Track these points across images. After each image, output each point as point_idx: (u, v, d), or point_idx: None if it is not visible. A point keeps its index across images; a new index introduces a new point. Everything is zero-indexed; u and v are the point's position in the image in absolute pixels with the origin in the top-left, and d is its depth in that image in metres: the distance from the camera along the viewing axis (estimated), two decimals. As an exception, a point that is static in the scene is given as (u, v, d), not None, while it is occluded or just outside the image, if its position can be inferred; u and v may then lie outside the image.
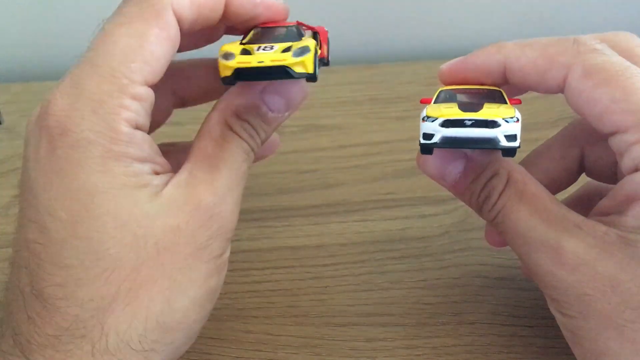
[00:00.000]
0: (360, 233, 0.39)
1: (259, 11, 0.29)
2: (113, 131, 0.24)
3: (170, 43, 0.26)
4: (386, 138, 0.48)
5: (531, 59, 0.27)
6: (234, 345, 0.33)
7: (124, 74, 0.24)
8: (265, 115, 0.29)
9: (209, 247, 0.26)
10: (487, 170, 0.28)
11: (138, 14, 0.25)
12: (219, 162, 0.27)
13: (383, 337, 0.33)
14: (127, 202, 0.24)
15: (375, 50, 0.63)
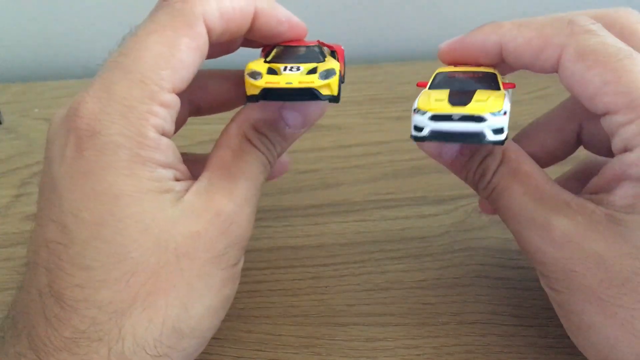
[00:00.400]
0: (360, 233, 0.39)
1: (283, 29, 0.29)
2: (141, 136, 0.24)
3: (199, 53, 0.26)
4: (386, 138, 0.48)
5: (527, 39, 0.27)
6: (234, 345, 0.33)
7: (154, 81, 0.25)
8: (283, 130, 0.29)
9: (226, 255, 0.26)
10: (482, 149, 0.28)
11: (170, 22, 0.26)
12: (238, 171, 0.27)
13: (383, 337, 0.33)
14: (151, 206, 0.24)
15: (375, 50, 0.63)
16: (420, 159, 0.45)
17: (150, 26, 0.26)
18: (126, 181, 0.24)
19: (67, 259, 0.24)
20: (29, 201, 0.43)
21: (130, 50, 0.25)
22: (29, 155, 0.47)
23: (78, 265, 0.24)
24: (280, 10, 0.29)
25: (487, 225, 0.39)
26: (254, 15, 0.28)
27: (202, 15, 0.26)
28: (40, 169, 0.45)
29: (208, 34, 0.26)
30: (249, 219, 0.27)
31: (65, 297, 0.24)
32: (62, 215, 0.24)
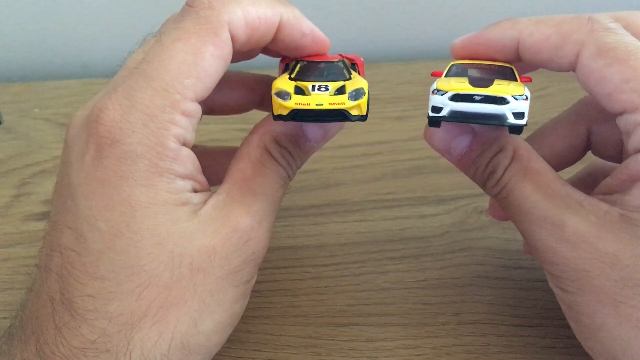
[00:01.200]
0: (360, 233, 0.39)
1: (306, 43, 0.29)
2: (161, 146, 0.24)
3: (223, 62, 0.26)
4: (386, 138, 0.48)
5: (545, 35, 0.27)
6: (234, 345, 0.33)
7: (177, 90, 0.24)
8: (304, 144, 0.29)
9: (240, 272, 0.26)
10: (493, 146, 0.28)
11: (195, 30, 0.25)
12: (257, 186, 0.27)
13: (383, 337, 0.33)
14: (167, 219, 0.24)
15: (375, 50, 0.63)
16: (420, 159, 0.46)
17: (174, 33, 0.25)
18: (143, 192, 0.24)
19: (80, 267, 0.24)
20: (28, 201, 0.43)
21: (154, 57, 0.25)
22: (28, 155, 0.47)
23: (91, 275, 0.24)
24: (305, 23, 0.28)
25: (487, 225, 0.39)
26: (278, 26, 0.27)
27: (228, 23, 0.25)
28: (40, 169, 0.45)
29: (232, 42, 0.26)
30: (266, 235, 0.27)
31: (76, 305, 0.24)
32: (77, 223, 0.24)
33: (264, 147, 0.28)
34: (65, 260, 0.24)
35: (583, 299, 0.26)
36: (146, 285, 0.24)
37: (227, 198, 0.26)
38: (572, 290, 0.26)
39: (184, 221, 0.25)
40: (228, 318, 0.26)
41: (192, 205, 0.25)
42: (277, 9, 0.27)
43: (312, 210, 0.41)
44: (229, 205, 0.26)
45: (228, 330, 0.27)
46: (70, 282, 0.24)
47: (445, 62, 0.30)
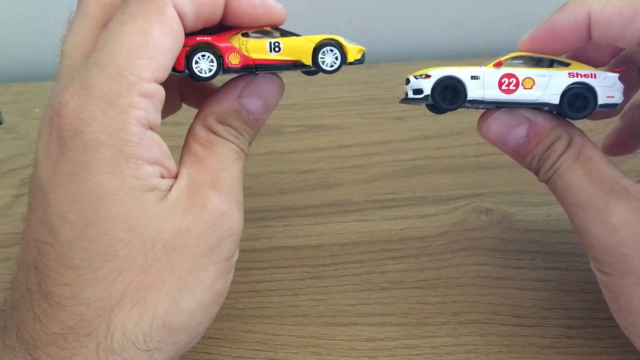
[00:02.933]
0: (360, 233, 0.39)
1: (259, 12, 0.29)
2: (123, 131, 0.24)
3: (174, 38, 0.26)
4: (386, 138, 0.48)
5: (617, 9, 0.26)
6: (234, 345, 0.33)
7: (131, 72, 0.24)
8: (247, 117, 0.29)
9: (218, 248, 0.26)
10: (551, 134, 0.28)
11: (140, 12, 0.25)
12: (213, 163, 0.27)
13: (383, 337, 0.33)
14: (135, 206, 0.24)
15: (375, 50, 0.63)
16: (420, 159, 0.46)
17: (121, 18, 0.25)
18: (109, 179, 0.24)
19: (55, 258, 0.24)
20: (29, 201, 0.43)
21: (104, 44, 0.25)
22: (29, 156, 0.47)
23: (66, 265, 0.24)
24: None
25: (487, 225, 0.39)
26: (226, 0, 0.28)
27: (171, 1, 0.25)
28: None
29: (181, 20, 0.26)
30: (238, 209, 0.27)
31: (54, 294, 0.24)
32: (48, 217, 0.24)
33: (209, 128, 0.28)
34: (41, 253, 0.24)
35: (622, 281, 0.26)
36: (120, 270, 0.24)
37: (189, 181, 0.26)
38: (612, 273, 0.27)
39: (153, 207, 0.25)
40: (211, 296, 0.26)
41: (160, 191, 0.25)
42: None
43: (312, 210, 0.41)
44: (193, 187, 0.26)
45: (212, 308, 0.27)
46: (46, 273, 0.24)
47: (445, 62, 0.30)
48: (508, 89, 0.28)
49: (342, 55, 0.29)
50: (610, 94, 0.28)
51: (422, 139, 0.48)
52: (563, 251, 0.37)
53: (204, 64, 0.28)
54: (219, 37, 0.28)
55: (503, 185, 0.42)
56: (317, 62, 0.29)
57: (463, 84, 0.28)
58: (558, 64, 0.29)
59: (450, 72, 0.28)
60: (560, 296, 0.34)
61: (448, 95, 0.29)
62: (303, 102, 0.52)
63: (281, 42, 0.29)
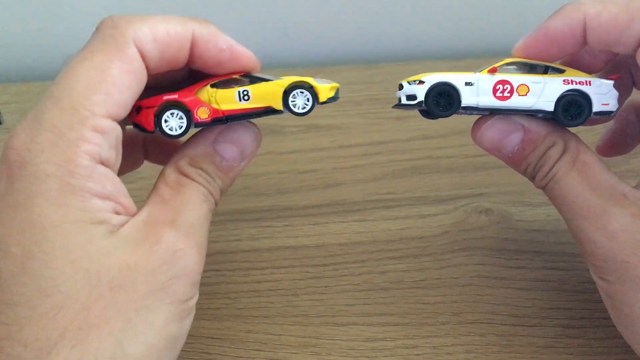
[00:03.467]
0: (360, 233, 0.39)
1: (225, 58, 0.28)
2: (71, 164, 0.23)
3: (134, 77, 0.25)
4: (386, 138, 0.48)
5: (613, 14, 0.26)
6: (234, 345, 0.33)
7: (85, 107, 0.24)
8: (220, 163, 0.29)
9: (171, 288, 0.25)
10: (545, 141, 0.28)
11: (101, 48, 0.25)
12: (178, 204, 0.26)
13: (383, 337, 0.33)
14: (80, 237, 0.23)
15: (375, 50, 0.63)
16: (420, 159, 0.46)
17: (81, 54, 0.25)
18: (54, 211, 0.23)
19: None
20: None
21: (61, 79, 0.25)
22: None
23: (5, 302, 0.23)
24: (221, 38, 0.28)
25: (486, 225, 0.39)
26: (192, 42, 0.27)
27: (133, 39, 0.25)
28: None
29: (144, 59, 0.26)
30: (197, 250, 0.26)
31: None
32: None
33: (179, 170, 0.28)
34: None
35: (623, 289, 0.26)
36: (61, 306, 0.23)
37: (148, 217, 0.25)
38: (612, 280, 0.26)
39: (100, 239, 0.24)
40: (162, 340, 0.25)
41: (110, 225, 0.24)
42: (189, 24, 0.27)
43: (312, 210, 0.41)
44: (151, 223, 0.25)
45: (164, 354, 0.25)
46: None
47: (445, 62, 0.30)
48: (502, 95, 0.28)
49: (313, 96, 0.29)
50: (605, 101, 0.28)
51: (422, 139, 0.48)
52: (563, 251, 0.37)
53: (174, 121, 0.28)
54: (186, 93, 0.28)
55: (503, 185, 0.42)
56: (289, 106, 0.29)
57: (457, 90, 0.28)
58: (553, 70, 0.29)
59: (444, 78, 0.28)
60: (560, 296, 0.34)
61: (442, 101, 0.29)
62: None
63: (250, 89, 0.28)
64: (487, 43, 0.60)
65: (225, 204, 0.42)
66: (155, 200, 0.27)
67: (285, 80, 0.29)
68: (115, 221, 0.24)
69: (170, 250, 0.25)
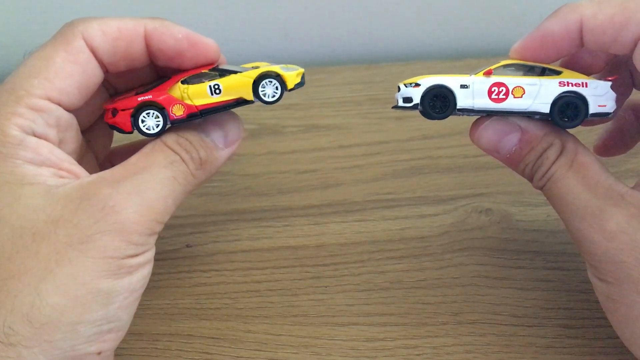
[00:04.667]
0: (360, 233, 0.39)
1: (183, 47, 0.29)
2: (2, 134, 0.25)
3: (78, 67, 0.27)
4: (386, 138, 0.48)
5: (609, 15, 0.26)
6: (234, 345, 0.33)
7: (23, 87, 0.26)
8: (205, 138, 0.29)
9: (98, 243, 0.25)
10: (543, 142, 0.28)
11: (51, 42, 0.28)
12: (136, 167, 0.27)
13: (383, 337, 0.33)
14: (7, 196, 0.25)
15: (375, 50, 0.63)
16: (420, 159, 0.46)
17: (35, 51, 0.28)
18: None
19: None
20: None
21: (14, 70, 0.27)
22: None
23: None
24: (176, 28, 0.29)
25: (486, 225, 0.39)
26: (146, 36, 0.28)
27: (82, 33, 0.27)
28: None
29: (95, 53, 0.28)
30: (138, 210, 0.26)
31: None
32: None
33: (160, 140, 0.29)
34: None
35: (620, 289, 0.26)
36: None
37: (96, 177, 0.26)
38: (610, 281, 0.26)
39: (30, 198, 0.25)
40: (88, 293, 0.25)
41: (45, 185, 0.25)
42: (141, 21, 0.29)
43: (312, 210, 0.41)
44: (94, 184, 0.26)
45: (94, 307, 0.25)
46: None
47: (445, 62, 0.30)
48: (498, 97, 0.28)
49: (281, 84, 0.29)
50: (602, 102, 0.28)
51: (422, 139, 0.48)
52: (563, 251, 0.37)
53: (150, 121, 0.29)
54: (159, 92, 0.29)
55: (503, 185, 0.42)
56: (259, 95, 0.29)
57: (452, 93, 0.28)
58: (550, 72, 0.29)
59: (439, 81, 0.29)
60: (560, 296, 0.34)
61: (437, 103, 0.29)
62: (303, 102, 0.52)
63: (220, 83, 0.29)
64: (487, 43, 0.60)
65: (226, 204, 0.42)
66: (120, 164, 0.27)
67: (253, 72, 0.29)
68: (51, 182, 0.26)
69: (100, 205, 0.25)
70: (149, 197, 0.26)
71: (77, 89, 0.28)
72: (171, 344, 0.33)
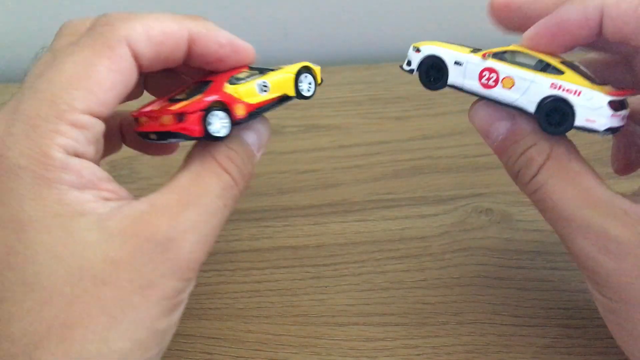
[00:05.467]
0: (360, 233, 0.39)
1: (226, 53, 0.28)
2: (44, 156, 0.23)
3: (121, 76, 0.25)
4: (386, 138, 0.48)
5: (633, 4, 0.24)
6: (234, 345, 0.33)
7: (64, 100, 0.23)
8: (248, 149, 0.28)
9: (159, 286, 0.24)
10: (527, 138, 0.27)
11: (89, 44, 0.25)
12: (189, 195, 0.25)
13: (383, 337, 0.33)
14: (61, 232, 0.23)
15: (375, 50, 0.63)
16: (420, 159, 0.46)
17: (69, 49, 0.25)
18: (32, 206, 0.23)
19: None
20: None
21: (44, 70, 0.24)
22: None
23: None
24: (221, 33, 0.27)
25: (487, 225, 0.39)
26: (190, 40, 0.27)
27: (126, 39, 0.25)
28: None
29: (136, 59, 0.25)
30: (193, 247, 0.25)
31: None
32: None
33: (208, 151, 0.27)
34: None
35: (626, 308, 0.25)
36: (45, 302, 0.22)
37: (148, 207, 0.24)
38: (615, 299, 0.25)
39: (84, 232, 0.23)
40: (150, 335, 0.24)
41: (96, 215, 0.23)
42: (185, 23, 0.26)
43: (312, 210, 0.41)
44: (148, 215, 0.24)
45: (152, 347, 0.25)
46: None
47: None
48: (487, 83, 0.27)
49: (314, 78, 0.29)
50: (590, 117, 0.25)
51: (422, 139, 0.48)
52: (563, 251, 0.37)
53: (217, 123, 0.26)
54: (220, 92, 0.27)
55: (503, 185, 0.42)
56: (299, 91, 0.29)
57: (446, 67, 0.27)
58: (552, 70, 0.27)
59: (436, 52, 0.28)
60: (560, 296, 0.34)
61: (432, 73, 0.28)
62: (303, 102, 0.52)
63: (267, 80, 0.28)
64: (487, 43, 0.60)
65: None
66: (170, 185, 0.26)
67: (292, 67, 0.29)
68: (101, 209, 0.24)
69: (161, 248, 0.24)
70: (204, 233, 0.25)
71: (118, 100, 0.25)
72: (171, 344, 0.33)
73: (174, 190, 0.25)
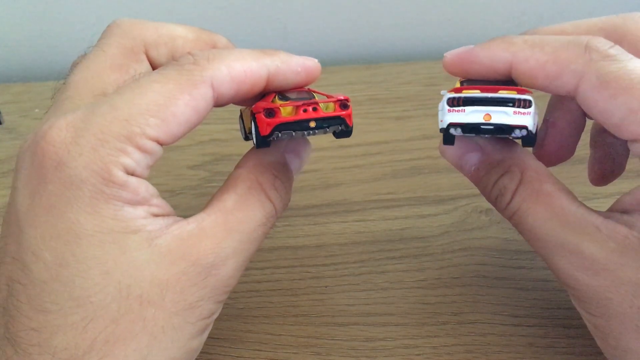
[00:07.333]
0: (360, 233, 0.39)
1: (300, 78, 0.28)
2: (107, 172, 0.23)
3: (196, 114, 0.25)
4: (386, 138, 0.48)
5: (541, 62, 0.26)
6: (234, 345, 0.33)
7: (139, 123, 0.24)
8: (291, 175, 0.29)
9: (198, 308, 0.25)
10: (498, 167, 0.28)
11: (175, 77, 0.25)
12: (234, 221, 0.26)
13: (383, 337, 0.33)
14: (114, 248, 0.23)
15: (375, 50, 0.63)
16: (420, 159, 0.46)
17: (154, 76, 0.25)
18: (88, 219, 0.23)
19: (25, 300, 0.23)
20: (29, 201, 0.43)
21: (126, 90, 0.25)
22: (29, 155, 0.47)
23: (35, 308, 0.23)
24: (294, 62, 0.28)
25: (486, 225, 0.39)
26: (269, 75, 0.27)
27: (211, 80, 0.25)
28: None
29: (217, 98, 0.26)
30: (231, 274, 0.26)
31: (20, 340, 0.23)
32: (22, 253, 0.23)
33: (255, 179, 0.27)
34: (11, 293, 0.23)
35: (608, 323, 0.25)
36: (92, 317, 0.23)
37: (196, 229, 0.25)
38: (597, 315, 0.26)
39: (135, 250, 0.23)
40: (184, 354, 0.25)
41: (147, 232, 0.24)
42: (263, 60, 0.27)
43: (312, 210, 0.41)
44: (195, 237, 0.25)
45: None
46: (14, 316, 0.23)
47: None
48: None
49: None
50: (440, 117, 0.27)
51: (422, 139, 0.48)
52: (563, 251, 0.37)
53: None
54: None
55: (503, 185, 0.42)
56: None
57: None
58: None
59: None
60: (560, 296, 0.34)
61: None
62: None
63: None
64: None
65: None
66: (216, 206, 0.26)
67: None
68: (151, 227, 0.24)
69: (205, 274, 0.25)
70: (243, 259, 0.26)
71: (184, 134, 0.25)
72: (171, 344, 0.33)
73: (219, 213, 0.26)
